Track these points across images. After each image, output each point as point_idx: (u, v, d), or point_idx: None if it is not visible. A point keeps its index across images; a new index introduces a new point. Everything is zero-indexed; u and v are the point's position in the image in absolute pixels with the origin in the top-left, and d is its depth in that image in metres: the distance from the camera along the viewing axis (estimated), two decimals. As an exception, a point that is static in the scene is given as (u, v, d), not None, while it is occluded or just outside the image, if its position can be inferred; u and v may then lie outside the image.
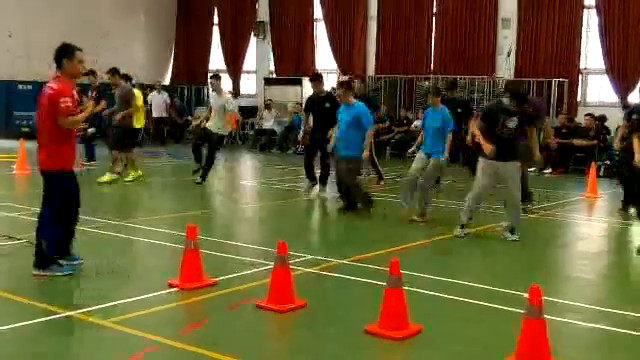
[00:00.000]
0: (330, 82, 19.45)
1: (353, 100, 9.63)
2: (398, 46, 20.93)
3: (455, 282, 6.31)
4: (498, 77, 19.25)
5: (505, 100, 8.11)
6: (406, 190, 9.45)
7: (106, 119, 13.40)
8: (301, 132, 12.00)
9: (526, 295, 4.28)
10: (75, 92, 6.39)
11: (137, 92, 13.46)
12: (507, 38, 19.41)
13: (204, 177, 12.29)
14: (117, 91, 12.65)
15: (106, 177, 12.17)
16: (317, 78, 11.60)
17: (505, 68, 19.31)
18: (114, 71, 12.74)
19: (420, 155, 9.33)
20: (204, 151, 12.42)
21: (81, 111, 6.42)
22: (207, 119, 12.53)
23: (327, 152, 10.82)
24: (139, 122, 13.17)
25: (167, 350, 4.56)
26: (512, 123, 7.98)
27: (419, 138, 9.61)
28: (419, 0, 20.51)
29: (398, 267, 4.79)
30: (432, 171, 9.19)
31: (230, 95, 13.12)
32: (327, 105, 11.03)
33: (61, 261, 6.31)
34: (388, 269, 4.85)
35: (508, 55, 19.31)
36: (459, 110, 11.59)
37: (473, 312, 5.56)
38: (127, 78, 13.43)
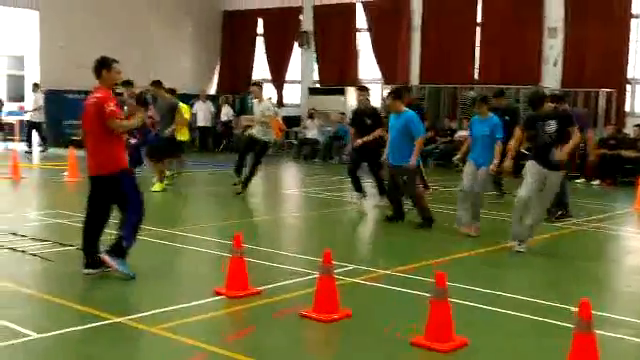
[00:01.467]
0: (373, 92, 19.43)
1: (403, 108, 9.59)
2: (442, 55, 20.83)
3: (501, 294, 6.24)
4: (544, 87, 19.00)
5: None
6: (463, 205, 9.23)
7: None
8: (349, 146, 12.09)
9: (575, 309, 4.23)
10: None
11: (185, 106, 13.65)
12: (553, 48, 19.18)
13: (246, 184, 12.21)
14: (162, 104, 12.82)
15: (157, 185, 12.34)
16: (362, 90, 11.54)
17: (551, 78, 19.07)
18: (158, 83, 12.96)
19: (469, 168, 9.14)
20: (248, 161, 12.44)
21: (126, 118, 6.76)
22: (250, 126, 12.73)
23: (376, 163, 10.75)
24: (183, 135, 13.36)
25: (214, 358, 4.61)
26: (550, 127, 7.97)
27: (464, 148, 9.49)
28: (463, 10, 20.41)
29: (444, 279, 4.77)
30: (483, 181, 9.04)
31: (270, 101, 13.24)
32: (368, 122, 10.85)
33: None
34: (434, 280, 4.83)
35: (554, 65, 19.07)
36: (506, 118, 11.45)
37: (520, 325, 5.50)
38: (172, 92, 13.64)
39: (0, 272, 6.60)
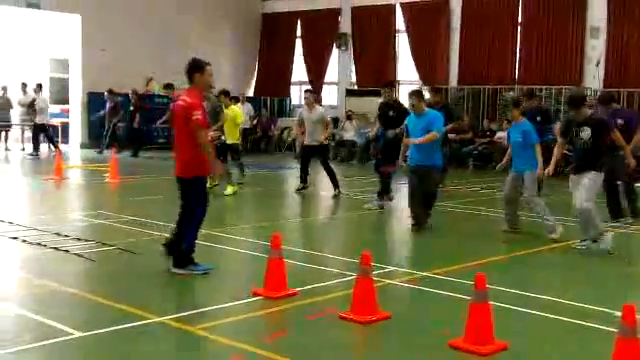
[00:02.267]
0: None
1: (425, 109, 9.54)
2: (481, 56, 20.67)
3: (542, 298, 6.16)
4: (586, 88, 18.70)
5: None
6: (508, 211, 9.13)
7: None
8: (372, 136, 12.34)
9: (618, 313, 4.15)
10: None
11: (236, 108, 13.73)
12: (595, 48, 18.87)
13: (336, 185, 12.60)
14: (207, 105, 12.92)
15: (229, 189, 12.41)
16: (386, 86, 11.83)
17: (593, 78, 18.75)
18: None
19: (510, 175, 9.02)
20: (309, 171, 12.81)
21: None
22: (303, 133, 12.89)
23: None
24: (233, 137, 13.46)
25: (252, 358, 4.63)
26: (584, 133, 7.87)
27: (506, 156, 9.31)
28: (504, 9, 20.22)
29: (484, 281, 4.72)
30: (531, 184, 8.79)
31: (322, 108, 13.47)
32: (391, 113, 11.11)
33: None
34: (472, 283, 4.79)
35: (597, 65, 18.75)
36: (538, 119, 11.30)
37: (561, 329, 5.41)
38: (226, 94, 13.75)
39: (44, 271, 6.73)
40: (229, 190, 12.32)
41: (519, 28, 20.19)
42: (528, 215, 9.74)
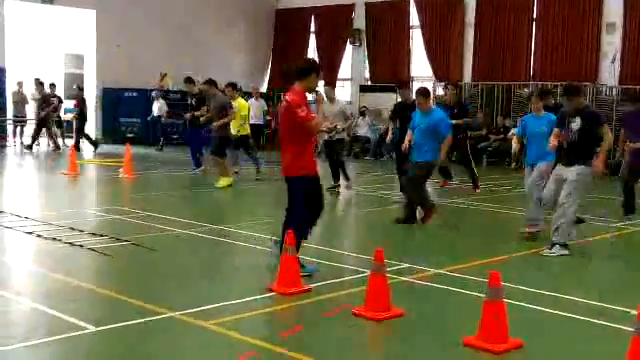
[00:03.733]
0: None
1: (432, 107, 9.55)
2: (496, 52, 20.57)
3: (556, 296, 6.12)
4: (601, 84, 18.57)
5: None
6: (532, 206, 8.84)
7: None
8: (388, 137, 12.11)
9: (634, 312, 4.11)
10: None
11: (242, 102, 13.83)
12: (612, 44, 18.72)
13: (347, 178, 12.66)
14: (213, 101, 13.07)
15: (222, 181, 12.47)
16: (403, 86, 11.90)
17: (609, 75, 18.61)
18: (210, 82, 13.17)
19: (528, 172, 8.82)
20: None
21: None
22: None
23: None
24: (244, 130, 13.53)
25: (266, 354, 4.64)
26: (574, 124, 7.71)
27: (516, 149, 9.26)
28: (519, 5, 20.11)
29: (498, 278, 4.69)
30: (541, 175, 8.54)
31: (343, 101, 13.42)
32: (409, 113, 10.96)
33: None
34: (486, 280, 4.76)
35: (612, 61, 18.60)
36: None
37: (576, 328, 5.38)
38: (234, 87, 13.79)
39: (59, 266, 6.76)
40: (221, 182, 12.36)
41: (534, 24, 20.07)
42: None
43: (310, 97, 12.59)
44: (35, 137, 19.81)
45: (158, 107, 20.79)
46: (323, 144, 13.32)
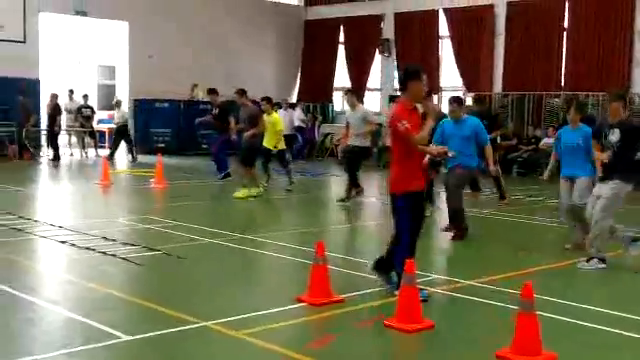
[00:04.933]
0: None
1: (464, 115, 9.48)
2: (526, 62, 20.40)
3: (589, 308, 6.05)
4: (634, 93, 18.32)
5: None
6: (570, 221, 8.73)
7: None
8: None
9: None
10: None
11: (277, 117, 13.85)
12: (644, 52, 18.49)
13: (356, 185, 12.31)
14: (243, 111, 13.11)
15: (242, 192, 12.53)
16: (427, 96, 11.53)
17: (642, 84, 18.38)
18: (242, 92, 13.25)
19: (564, 185, 8.63)
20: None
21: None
22: (346, 136, 12.54)
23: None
24: (281, 145, 13.58)
25: (297, 364, 4.65)
26: (613, 136, 7.57)
27: (553, 162, 8.98)
28: (549, 15, 19.94)
29: (531, 290, 4.65)
30: (583, 190, 8.34)
31: (365, 107, 13.22)
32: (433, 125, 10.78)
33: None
34: (517, 292, 4.72)
35: (646, 70, 18.37)
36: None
37: (609, 340, 5.30)
38: (268, 100, 13.83)
39: (91, 275, 6.85)
40: (241, 193, 12.39)
41: (564, 33, 19.90)
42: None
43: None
44: (114, 148, 20.11)
45: (121, 115, 20.27)
46: (343, 152, 12.83)
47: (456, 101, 9.49)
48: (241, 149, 13.06)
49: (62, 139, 21.96)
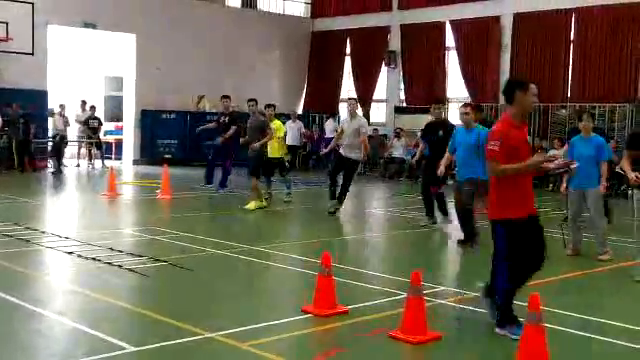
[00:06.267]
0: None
1: (474, 124, 9.47)
2: (532, 73, 20.36)
3: (595, 320, 6.01)
4: (641, 104, 18.30)
5: None
6: (575, 233, 8.85)
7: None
8: (415, 158, 11.65)
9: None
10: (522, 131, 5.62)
11: (278, 123, 13.81)
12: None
13: (340, 202, 12.24)
14: (252, 120, 13.09)
15: (252, 204, 12.46)
16: (437, 103, 11.45)
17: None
18: (256, 101, 13.25)
19: (573, 195, 8.66)
20: (339, 182, 12.37)
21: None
22: (338, 145, 12.53)
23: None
24: (275, 152, 13.57)
25: (302, 376, 4.64)
26: None
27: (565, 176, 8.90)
28: (556, 26, 19.96)
29: (538, 302, 4.63)
30: (597, 202, 8.48)
31: (364, 118, 13.12)
32: (440, 133, 10.60)
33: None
34: (525, 304, 4.71)
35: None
36: None
37: (617, 353, 5.27)
38: (273, 107, 13.90)
39: (97, 286, 6.86)
40: (251, 205, 12.37)
41: (571, 45, 19.90)
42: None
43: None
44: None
45: (62, 122, 20.01)
46: (334, 160, 12.77)
47: (470, 105, 9.49)
48: (249, 160, 12.97)
49: (71, 150, 22.09)
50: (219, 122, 15.33)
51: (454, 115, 11.92)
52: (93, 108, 21.70)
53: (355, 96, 24.21)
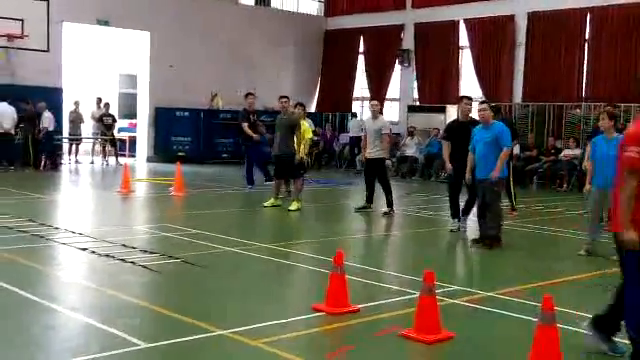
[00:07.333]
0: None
1: (492, 121, 9.41)
2: (547, 72, 20.31)
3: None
4: (657, 104, 18.15)
5: None
6: (593, 226, 8.77)
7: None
8: (447, 164, 10.67)
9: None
10: None
11: (305, 123, 13.35)
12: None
13: (390, 205, 12.27)
14: (284, 118, 12.81)
15: (294, 205, 12.29)
16: (468, 99, 10.77)
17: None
18: (288, 98, 13.10)
19: (595, 195, 8.49)
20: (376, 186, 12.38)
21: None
22: (365, 147, 12.46)
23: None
24: (302, 151, 13.43)
25: (314, 374, 4.64)
26: None
27: (589, 176, 8.72)
28: (570, 25, 19.85)
29: (552, 302, 4.61)
30: None
31: (385, 120, 13.10)
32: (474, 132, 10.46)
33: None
34: (539, 304, 4.68)
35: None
36: None
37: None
38: (303, 106, 13.87)
39: (111, 282, 6.89)
40: (294, 206, 12.34)
41: (586, 44, 19.78)
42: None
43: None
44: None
45: (49, 120, 19.41)
46: (364, 164, 12.82)
47: (488, 103, 9.51)
48: (284, 163, 12.62)
49: (85, 147, 22.21)
50: (253, 122, 15.23)
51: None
52: (107, 105, 21.81)
53: (368, 95, 24.24)
